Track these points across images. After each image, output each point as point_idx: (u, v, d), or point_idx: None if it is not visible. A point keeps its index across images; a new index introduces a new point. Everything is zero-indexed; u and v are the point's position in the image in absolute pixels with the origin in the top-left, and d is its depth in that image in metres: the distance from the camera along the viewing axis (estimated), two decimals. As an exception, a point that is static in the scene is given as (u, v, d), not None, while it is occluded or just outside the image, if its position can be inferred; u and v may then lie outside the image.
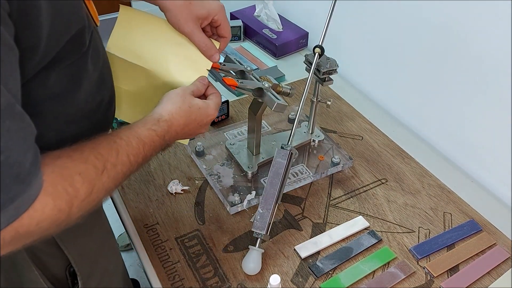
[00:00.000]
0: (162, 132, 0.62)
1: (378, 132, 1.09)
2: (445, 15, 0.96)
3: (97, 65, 0.62)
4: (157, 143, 0.62)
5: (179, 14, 0.71)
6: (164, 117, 0.64)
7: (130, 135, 0.58)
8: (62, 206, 0.47)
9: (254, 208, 0.89)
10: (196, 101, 0.68)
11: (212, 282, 0.77)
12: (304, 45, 1.39)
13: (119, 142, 0.56)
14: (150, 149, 0.60)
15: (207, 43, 0.73)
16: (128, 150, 0.56)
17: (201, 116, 0.69)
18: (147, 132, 0.60)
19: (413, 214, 0.90)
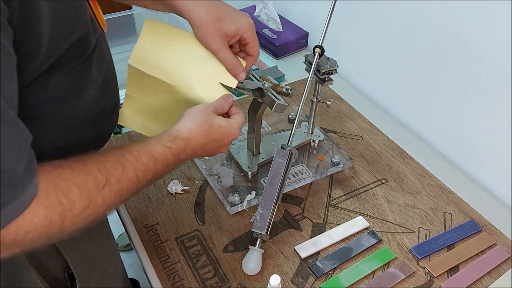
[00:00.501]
0: (178, 150, 0.61)
1: (378, 132, 1.09)
2: (445, 15, 0.96)
3: (102, 70, 0.61)
4: (170, 161, 0.60)
5: (207, 31, 0.68)
6: (182, 135, 0.62)
7: (142, 150, 0.56)
8: (54, 217, 0.45)
9: (254, 208, 0.89)
10: (218, 120, 0.66)
11: (212, 282, 0.77)
12: (304, 45, 1.38)
13: (128, 156, 0.54)
14: (162, 166, 0.58)
15: (234, 61, 0.71)
16: (137, 166, 0.54)
17: (222, 136, 0.67)
18: (160, 148, 0.59)
19: (413, 214, 0.90)
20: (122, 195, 0.53)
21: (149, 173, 0.56)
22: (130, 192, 0.54)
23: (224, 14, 0.68)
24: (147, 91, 0.74)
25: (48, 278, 0.67)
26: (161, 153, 0.58)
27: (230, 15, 0.69)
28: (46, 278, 0.67)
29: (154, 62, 0.70)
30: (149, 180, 0.57)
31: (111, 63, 0.67)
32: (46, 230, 0.44)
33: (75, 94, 0.56)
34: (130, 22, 1.34)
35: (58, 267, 0.68)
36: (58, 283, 0.70)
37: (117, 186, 0.51)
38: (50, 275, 0.68)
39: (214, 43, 0.69)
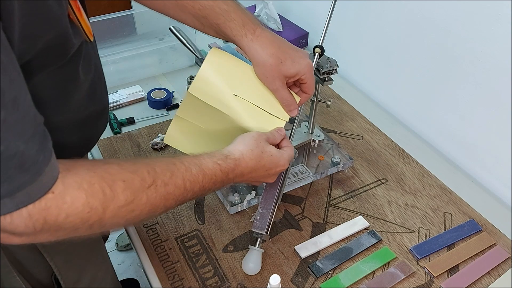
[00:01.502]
0: (227, 169, 0.62)
1: (378, 132, 1.09)
2: (445, 15, 0.96)
3: (88, 75, 0.61)
4: (218, 178, 0.61)
5: (268, 72, 0.71)
6: (233, 155, 0.64)
7: (192, 162, 0.58)
8: (95, 205, 0.46)
9: (254, 208, 0.89)
10: (270, 148, 0.68)
11: (212, 282, 0.77)
12: (304, 45, 1.38)
13: (178, 165, 0.56)
14: (210, 181, 0.60)
15: (289, 100, 0.73)
16: (186, 175, 0.56)
17: (271, 164, 0.68)
18: (211, 164, 0.60)
19: (413, 214, 0.90)
20: (167, 199, 0.54)
21: (197, 185, 0.58)
22: (176, 199, 0.55)
23: (286, 57, 0.70)
24: (200, 117, 0.77)
25: (33, 282, 0.67)
26: (211, 168, 0.59)
27: (292, 58, 0.71)
28: (31, 282, 0.66)
29: (214, 92, 0.72)
30: (196, 192, 0.58)
31: (99, 68, 0.67)
32: (87, 216, 0.46)
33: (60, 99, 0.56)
34: (130, 22, 1.34)
35: (43, 272, 0.68)
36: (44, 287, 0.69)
37: (163, 189, 0.53)
38: (35, 280, 0.67)
39: (274, 83, 0.72)
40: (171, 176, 0.54)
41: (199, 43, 1.37)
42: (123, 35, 1.33)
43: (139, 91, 1.17)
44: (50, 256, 0.65)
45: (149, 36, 1.37)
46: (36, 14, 0.46)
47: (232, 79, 0.74)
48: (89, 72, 0.61)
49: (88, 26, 0.59)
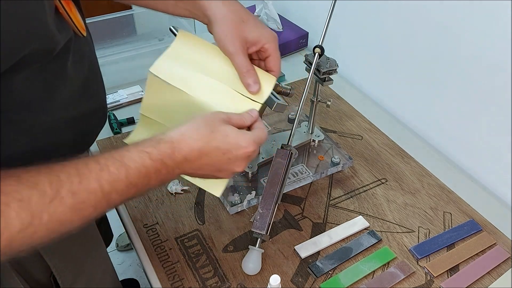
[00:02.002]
0: (160, 156, 0.51)
1: (377, 131, 1.09)
2: (445, 14, 0.96)
3: (81, 72, 0.59)
4: (151, 168, 0.50)
5: (228, 30, 0.64)
6: (169, 138, 0.53)
7: (111, 158, 0.49)
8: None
9: (254, 208, 0.89)
10: (225, 128, 0.56)
11: (212, 282, 0.77)
12: (304, 45, 1.39)
13: (92, 165, 0.47)
14: (139, 175, 0.50)
15: (250, 68, 0.64)
16: (101, 176, 0.47)
17: (228, 145, 0.56)
18: (136, 154, 0.50)
19: (413, 214, 0.90)
20: (81, 209, 0.46)
21: (121, 183, 0.48)
22: (95, 206, 0.47)
23: (248, 18, 0.65)
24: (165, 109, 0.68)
25: (32, 282, 0.65)
26: (136, 160, 0.49)
27: (255, 21, 0.65)
28: (29, 282, 0.65)
29: (179, 74, 0.65)
30: (125, 192, 0.49)
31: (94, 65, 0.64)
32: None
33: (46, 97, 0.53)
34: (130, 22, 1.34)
35: (42, 272, 0.66)
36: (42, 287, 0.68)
37: (71, 199, 0.45)
38: (33, 280, 0.65)
39: (233, 44, 0.64)
40: (80, 181, 0.45)
41: (199, 43, 1.37)
42: (123, 35, 1.33)
43: (139, 91, 1.18)
44: (48, 256, 0.64)
45: (149, 36, 1.37)
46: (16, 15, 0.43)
47: (201, 61, 0.67)
48: (82, 68, 0.59)
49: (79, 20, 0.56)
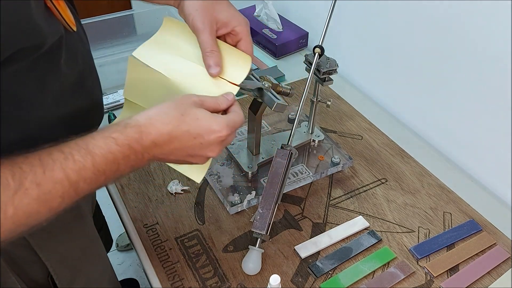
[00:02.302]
0: (127, 141, 0.50)
1: (377, 131, 1.10)
2: (444, 14, 0.96)
3: (75, 67, 0.58)
4: (118, 155, 0.49)
5: (199, 5, 0.62)
6: (136, 122, 0.51)
7: (76, 146, 0.47)
8: None
9: (254, 208, 0.89)
10: (196, 111, 0.54)
11: (212, 282, 0.77)
12: (304, 45, 1.39)
13: (56, 154, 0.46)
14: (106, 162, 0.48)
15: (213, 49, 0.62)
16: (66, 165, 0.46)
17: (200, 129, 0.54)
18: (102, 141, 0.48)
19: (412, 213, 0.90)
20: (48, 200, 0.45)
21: (88, 172, 0.47)
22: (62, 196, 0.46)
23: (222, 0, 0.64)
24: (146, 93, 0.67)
25: (29, 283, 0.65)
26: (102, 147, 0.48)
27: (228, 4, 0.64)
28: (27, 283, 0.64)
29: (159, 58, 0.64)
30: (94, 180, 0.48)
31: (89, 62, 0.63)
32: None
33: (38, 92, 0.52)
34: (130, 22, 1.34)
35: (39, 273, 0.66)
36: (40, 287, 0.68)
37: (36, 190, 0.44)
38: (30, 280, 0.65)
39: (202, 21, 0.61)
40: (44, 171, 0.44)
41: (199, 43, 1.37)
42: (123, 35, 1.33)
43: (139, 91, 1.17)
44: (45, 255, 0.64)
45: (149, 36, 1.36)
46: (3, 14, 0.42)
47: (184, 46, 0.66)
48: (75, 64, 0.58)
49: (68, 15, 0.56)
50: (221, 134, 0.55)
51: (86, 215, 0.73)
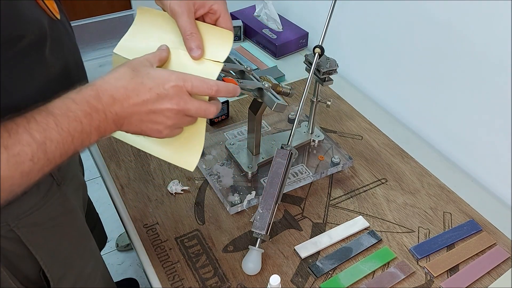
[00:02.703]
0: (84, 98, 0.50)
1: (377, 131, 1.10)
2: (445, 14, 0.96)
3: (60, 58, 0.59)
4: (79, 112, 0.50)
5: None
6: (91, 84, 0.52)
7: (36, 110, 0.48)
8: None
9: (254, 208, 0.89)
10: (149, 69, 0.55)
11: (212, 282, 0.77)
12: (304, 45, 1.39)
13: (18, 120, 0.47)
14: (68, 120, 0.49)
15: (193, 31, 0.62)
16: (31, 127, 0.47)
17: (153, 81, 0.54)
18: (60, 101, 0.50)
19: (412, 213, 0.90)
20: (19, 163, 0.45)
21: (52, 132, 0.48)
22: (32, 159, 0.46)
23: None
24: None
25: (21, 278, 0.65)
26: (61, 107, 0.49)
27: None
28: (19, 278, 0.65)
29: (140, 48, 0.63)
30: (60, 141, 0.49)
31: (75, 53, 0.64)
32: None
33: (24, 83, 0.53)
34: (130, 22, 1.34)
35: (31, 268, 0.66)
36: (33, 284, 0.68)
37: (5, 154, 0.44)
38: (22, 275, 0.66)
39: (178, 5, 0.62)
40: (10, 135, 0.45)
41: (199, 43, 1.37)
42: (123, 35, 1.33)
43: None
44: (36, 250, 0.64)
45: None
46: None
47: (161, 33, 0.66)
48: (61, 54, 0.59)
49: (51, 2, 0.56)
50: (177, 83, 0.55)
51: (76, 210, 0.73)
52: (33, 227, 0.63)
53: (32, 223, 0.62)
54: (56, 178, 0.65)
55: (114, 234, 1.64)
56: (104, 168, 0.97)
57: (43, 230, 0.65)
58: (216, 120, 1.09)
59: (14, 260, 0.64)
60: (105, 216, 1.16)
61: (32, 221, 0.62)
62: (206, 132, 1.04)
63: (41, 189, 0.62)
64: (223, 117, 1.09)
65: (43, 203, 0.63)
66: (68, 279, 0.72)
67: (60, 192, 0.66)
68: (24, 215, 0.61)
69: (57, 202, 0.66)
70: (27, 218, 0.61)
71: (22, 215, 0.60)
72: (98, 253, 0.83)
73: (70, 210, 0.70)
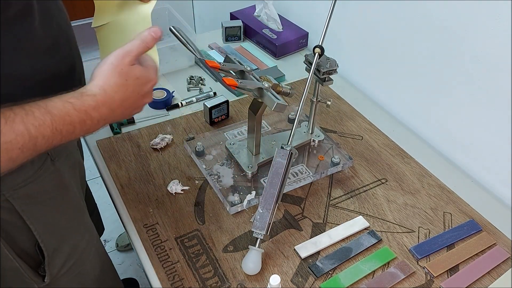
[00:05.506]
0: (84, 108, 0.55)
1: (378, 132, 1.09)
2: (445, 15, 0.96)
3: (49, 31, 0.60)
4: (76, 117, 0.54)
5: None
6: (91, 92, 0.57)
7: (35, 105, 0.52)
8: None
9: (254, 208, 0.89)
10: (134, 72, 0.60)
11: (212, 282, 0.77)
12: (304, 45, 1.39)
13: (17, 110, 0.50)
14: (64, 123, 0.53)
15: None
16: (27, 120, 0.50)
17: (140, 87, 0.61)
18: (60, 103, 0.53)
19: (413, 214, 0.90)
20: (8, 150, 0.49)
21: (47, 129, 0.52)
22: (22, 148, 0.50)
23: None
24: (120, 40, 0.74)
25: (18, 251, 0.68)
26: (60, 108, 0.53)
27: None
28: (15, 251, 0.68)
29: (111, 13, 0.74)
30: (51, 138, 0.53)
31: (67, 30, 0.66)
32: None
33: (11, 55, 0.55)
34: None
35: (27, 241, 0.68)
36: (29, 257, 0.70)
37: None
38: (20, 248, 0.68)
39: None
40: (6, 122, 0.48)
41: (199, 43, 1.37)
42: (123, 35, 1.33)
43: (139, 91, 1.17)
44: (30, 220, 0.66)
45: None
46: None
47: None
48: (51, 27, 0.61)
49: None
50: (154, 81, 0.64)
51: (71, 186, 0.74)
52: (27, 199, 0.65)
53: (26, 195, 0.64)
54: (50, 154, 0.67)
55: (114, 234, 1.64)
56: (104, 168, 0.97)
57: (37, 202, 0.67)
58: (216, 120, 1.09)
59: (11, 231, 0.66)
60: (105, 216, 1.16)
61: (26, 193, 0.64)
62: (206, 132, 1.04)
63: (35, 163, 0.65)
64: (223, 117, 1.09)
65: (36, 176, 0.65)
66: (62, 252, 0.74)
67: (54, 167, 0.68)
68: (18, 187, 0.63)
69: (51, 177, 0.68)
70: (21, 189, 0.63)
71: (17, 186, 0.63)
72: (93, 229, 0.84)
73: (64, 185, 0.72)
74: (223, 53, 1.34)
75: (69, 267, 0.76)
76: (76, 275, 0.78)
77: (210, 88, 1.21)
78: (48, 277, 0.73)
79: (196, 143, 0.99)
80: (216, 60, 0.82)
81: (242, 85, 0.78)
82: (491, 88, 0.92)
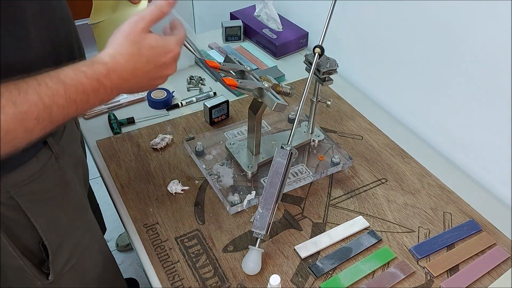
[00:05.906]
0: (96, 75, 0.54)
1: (378, 131, 1.09)
2: (445, 15, 0.96)
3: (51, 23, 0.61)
4: (88, 86, 0.53)
5: None
6: (101, 60, 0.56)
7: (47, 75, 0.51)
8: None
9: (254, 208, 0.89)
10: (149, 40, 0.58)
11: (212, 282, 0.77)
12: (304, 45, 1.39)
13: (30, 81, 0.50)
14: (77, 92, 0.52)
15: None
16: (40, 90, 0.50)
17: (157, 57, 0.59)
18: (72, 73, 0.53)
19: (413, 214, 0.90)
20: (24, 120, 0.48)
21: (60, 97, 0.51)
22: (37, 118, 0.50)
23: None
24: None
25: (22, 249, 0.68)
26: (73, 77, 0.52)
27: None
28: (19, 248, 0.68)
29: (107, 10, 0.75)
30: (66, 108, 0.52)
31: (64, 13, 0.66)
32: None
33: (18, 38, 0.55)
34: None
35: (31, 238, 0.69)
36: (33, 255, 0.70)
37: (13, 109, 0.47)
38: (23, 246, 0.68)
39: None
40: (19, 93, 0.48)
41: (199, 43, 1.37)
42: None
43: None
44: (34, 217, 0.66)
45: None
46: None
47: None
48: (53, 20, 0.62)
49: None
50: (175, 52, 0.61)
51: (74, 183, 0.74)
52: (31, 196, 0.65)
53: (30, 192, 0.65)
54: (55, 152, 0.67)
55: (114, 234, 1.64)
56: (104, 168, 0.97)
57: (41, 199, 0.67)
58: (216, 120, 1.09)
59: (15, 229, 0.66)
60: (105, 216, 1.16)
61: (31, 190, 0.65)
62: (206, 132, 1.04)
63: (40, 161, 0.65)
64: (223, 117, 1.09)
65: (41, 173, 0.65)
66: (65, 249, 0.74)
67: (58, 165, 0.69)
68: (23, 184, 0.63)
69: (55, 175, 0.68)
70: (26, 186, 0.64)
71: (21, 183, 0.63)
72: (96, 227, 0.84)
73: (67, 183, 0.72)
74: (223, 53, 1.34)
75: (72, 265, 0.76)
76: (79, 272, 0.78)
77: (210, 88, 1.21)
78: (52, 274, 0.73)
79: (196, 143, 0.99)
80: (216, 60, 0.82)
81: (242, 85, 0.78)
82: (491, 88, 0.92)
